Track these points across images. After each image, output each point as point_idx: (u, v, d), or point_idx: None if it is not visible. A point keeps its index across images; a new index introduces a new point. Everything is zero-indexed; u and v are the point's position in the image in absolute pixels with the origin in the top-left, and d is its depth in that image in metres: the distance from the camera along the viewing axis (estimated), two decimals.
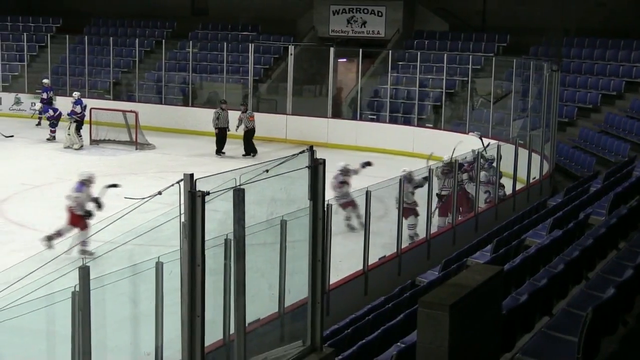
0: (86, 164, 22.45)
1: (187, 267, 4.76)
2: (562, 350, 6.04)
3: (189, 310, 4.79)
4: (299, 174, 5.70)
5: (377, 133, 26.19)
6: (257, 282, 6.33)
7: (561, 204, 14.26)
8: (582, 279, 8.64)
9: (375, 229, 12.11)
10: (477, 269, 6.77)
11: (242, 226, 5.41)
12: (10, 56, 33.50)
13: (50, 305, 6.45)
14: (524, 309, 6.89)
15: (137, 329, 8.39)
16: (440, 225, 14.75)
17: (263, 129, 27.47)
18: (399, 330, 8.14)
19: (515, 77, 24.16)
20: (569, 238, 10.32)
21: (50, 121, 26.08)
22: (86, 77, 31.51)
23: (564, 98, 24.23)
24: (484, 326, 6.03)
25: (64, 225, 13.87)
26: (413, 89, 27.08)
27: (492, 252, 11.46)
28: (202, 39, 32.96)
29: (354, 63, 28.75)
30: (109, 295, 7.25)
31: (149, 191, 5.62)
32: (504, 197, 16.41)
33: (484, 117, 25.07)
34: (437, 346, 5.43)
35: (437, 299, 5.58)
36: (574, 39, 26.73)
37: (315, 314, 5.92)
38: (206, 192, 4.73)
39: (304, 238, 5.89)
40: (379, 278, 11.89)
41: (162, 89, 30.48)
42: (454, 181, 14.70)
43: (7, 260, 12.70)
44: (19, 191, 18.68)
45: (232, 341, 5.73)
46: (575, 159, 21.29)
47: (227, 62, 29.88)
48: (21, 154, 23.91)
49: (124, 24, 35.03)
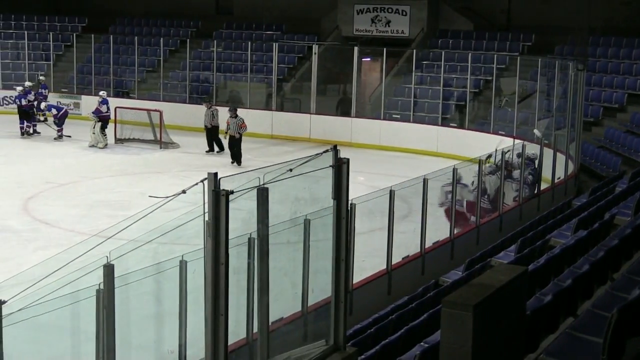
0: (111, 162, 22.63)
1: (211, 265, 4.77)
2: (587, 351, 6.00)
3: (212, 308, 4.80)
4: (323, 173, 5.69)
5: (401, 132, 26.14)
6: (280, 281, 6.34)
7: (586, 204, 14.17)
8: (607, 280, 8.57)
9: (398, 229, 12.09)
10: (501, 269, 6.74)
11: (265, 225, 5.42)
12: (37, 55, 33.76)
13: (75, 303, 6.49)
14: (549, 309, 6.85)
15: (161, 327, 8.42)
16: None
17: (287, 129, 27.55)
18: (422, 330, 8.12)
19: (540, 77, 24.02)
20: (594, 238, 10.25)
21: (55, 120, 26.22)
22: (111, 76, 31.70)
23: (590, 97, 24.05)
24: (508, 327, 6.00)
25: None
26: (437, 89, 27.01)
27: (516, 252, 11.40)
28: (226, 38, 33.05)
29: (378, 62, 28.72)
30: (133, 293, 7.28)
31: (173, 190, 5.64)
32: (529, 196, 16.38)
33: (508, 117, 24.95)
34: (460, 346, 5.41)
35: (460, 299, 5.56)
36: (600, 38, 26.53)
37: (339, 313, 5.91)
38: (230, 191, 4.74)
39: (327, 237, 5.89)
40: (402, 277, 11.87)
41: (186, 88, 30.60)
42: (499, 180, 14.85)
43: (33, 257, 12.84)
44: (44, 189, 18.83)
45: (255, 340, 5.74)
46: (600, 159, 21.14)
47: (251, 62, 29.94)
48: (46, 152, 24.09)
49: (149, 23, 35.21)
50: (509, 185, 15.70)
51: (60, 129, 26.04)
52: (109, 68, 31.92)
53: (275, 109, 28.73)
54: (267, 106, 29.18)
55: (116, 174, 21.05)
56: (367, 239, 12.62)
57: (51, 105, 26.53)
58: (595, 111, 24.04)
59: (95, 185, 19.67)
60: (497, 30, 29.73)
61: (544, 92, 23.92)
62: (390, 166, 22.81)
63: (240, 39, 32.65)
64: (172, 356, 7.72)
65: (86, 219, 16.26)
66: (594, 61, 25.76)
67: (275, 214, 5.58)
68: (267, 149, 25.47)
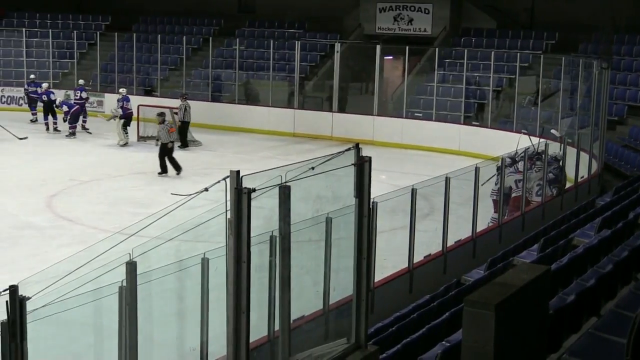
0: (133, 160, 22.74)
1: (233, 263, 4.78)
2: (610, 352, 5.97)
3: (234, 306, 4.81)
4: (345, 171, 5.69)
5: (423, 131, 26.09)
6: (302, 279, 6.34)
7: (610, 203, 14.07)
8: (631, 280, 8.52)
9: (420, 227, 12.07)
10: (523, 268, 6.71)
11: (287, 223, 5.43)
12: (61, 54, 33.99)
13: (98, 300, 6.53)
14: (571, 309, 6.81)
15: (183, 324, 8.45)
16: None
17: (309, 127, 27.56)
18: (444, 329, 8.10)
19: (563, 75, 23.88)
20: (618, 238, 10.18)
21: (65, 117, 26.33)
22: (134, 74, 31.84)
23: (614, 96, 23.89)
24: (530, 326, 5.97)
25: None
26: (459, 87, 26.91)
27: (539, 251, 11.34)
28: (248, 36, 33.10)
29: (400, 61, 28.68)
30: (155, 290, 7.31)
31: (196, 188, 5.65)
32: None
33: (531, 116, 24.83)
34: (482, 346, 5.39)
35: (482, 298, 5.54)
36: (625, 36, 26.34)
37: (360, 311, 5.91)
38: (252, 189, 4.75)
39: (349, 235, 5.89)
40: (424, 276, 11.84)
41: (209, 86, 30.69)
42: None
43: (56, 254, 12.92)
44: (67, 187, 18.96)
45: (277, 338, 5.75)
46: (625, 158, 20.99)
47: (274, 60, 29.98)
48: (70, 150, 24.25)
49: (172, 21, 35.33)
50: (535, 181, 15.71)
51: (74, 126, 26.17)
52: (132, 66, 32.07)
53: (297, 107, 28.75)
54: (289, 104, 29.22)
55: (138, 172, 21.16)
56: (388, 237, 12.61)
57: (63, 102, 26.64)
58: (619, 110, 23.87)
59: (117, 183, 19.78)
60: (521, 28, 29.59)
61: (568, 91, 23.79)
62: (412, 165, 22.78)
63: (262, 37, 32.70)
64: (194, 353, 7.74)
65: (109, 216, 16.35)
66: (619, 59, 25.59)
67: (297, 212, 5.58)
68: (289, 147, 25.50)
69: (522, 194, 14.77)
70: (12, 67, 33.13)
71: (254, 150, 24.80)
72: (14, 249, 14.26)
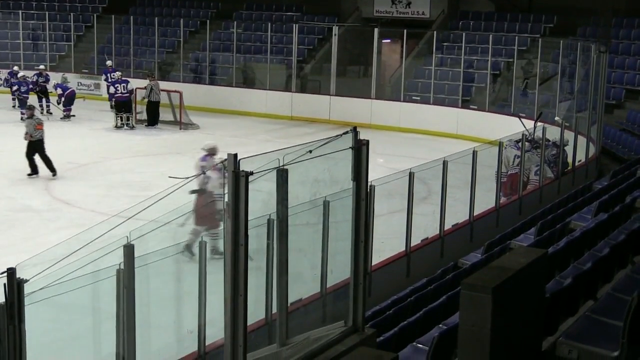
0: (131, 143, 22.72)
1: (231, 246, 4.78)
2: (607, 335, 5.98)
3: (231, 289, 4.82)
4: (343, 154, 5.69)
5: (421, 114, 26.07)
6: (299, 262, 6.35)
7: (607, 187, 14.08)
8: (627, 263, 8.53)
9: (418, 211, 12.08)
10: (520, 252, 6.73)
11: (285, 206, 5.43)
12: (58, 36, 33.88)
13: (95, 283, 6.53)
14: (568, 292, 6.83)
15: (181, 307, 8.47)
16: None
17: (306, 110, 27.52)
18: (441, 312, 8.12)
19: (562, 59, 23.84)
20: (615, 221, 10.19)
21: (58, 100, 26.23)
22: (131, 57, 31.76)
23: (612, 80, 23.87)
24: (527, 309, 5.99)
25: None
26: (458, 71, 26.86)
27: (536, 235, 11.36)
28: (246, 19, 33.00)
29: (398, 44, 28.61)
30: (153, 273, 7.32)
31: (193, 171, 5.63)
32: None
33: (529, 99, 24.80)
34: (479, 329, 5.41)
35: (479, 282, 5.55)
36: (623, 20, 26.28)
37: (358, 294, 5.92)
38: (250, 172, 4.74)
39: (346, 219, 5.89)
40: (421, 260, 11.86)
41: (206, 69, 30.61)
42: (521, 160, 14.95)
43: (54, 237, 12.93)
44: (65, 170, 18.92)
45: (274, 321, 5.76)
46: (622, 142, 20.99)
47: (271, 43, 29.91)
48: (66, 133, 24.20)
49: (169, 4, 35.21)
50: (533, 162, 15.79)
51: (69, 108, 26.10)
52: (129, 49, 31.97)
53: (295, 90, 28.71)
54: (286, 87, 29.17)
55: (136, 155, 21.14)
56: (386, 220, 12.62)
57: (58, 85, 26.56)
58: (617, 93, 23.85)
59: (115, 166, 19.76)
60: (519, 11, 29.50)
61: (566, 75, 23.75)
62: (409, 148, 22.77)
63: (260, 20, 32.59)
64: (191, 336, 7.76)
65: (106, 199, 16.35)
66: (617, 43, 25.54)
67: (295, 196, 5.58)
68: (286, 130, 25.48)
69: (521, 174, 14.86)
70: (9, 50, 33.02)
71: (252, 133, 24.77)
72: (12, 232, 14.26)
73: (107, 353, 7.02)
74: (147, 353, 7.33)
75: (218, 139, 23.56)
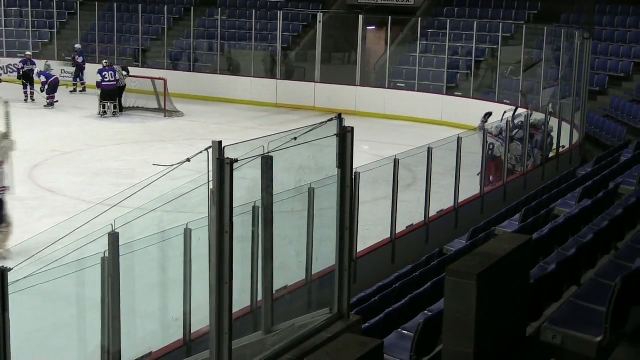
0: (115, 131, 22.62)
1: (216, 234, 4.78)
2: (590, 320, 6.02)
3: (217, 277, 4.82)
4: (327, 141, 5.69)
5: (406, 101, 26.07)
6: (284, 249, 6.35)
7: (591, 173, 14.15)
8: (611, 249, 8.58)
9: (403, 197, 12.10)
10: (505, 238, 6.76)
11: (270, 194, 5.43)
12: (40, 23, 33.64)
13: (80, 271, 6.52)
14: (552, 278, 6.86)
15: (166, 295, 8.46)
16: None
17: (291, 97, 27.48)
18: (426, 299, 8.15)
19: (546, 45, 23.88)
20: (599, 208, 10.24)
21: (42, 87, 26.07)
22: (115, 44, 31.58)
23: (596, 66, 23.93)
24: (512, 295, 6.02)
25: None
26: (442, 57, 26.87)
27: (520, 221, 11.41)
28: (230, 6, 32.87)
29: (383, 31, 28.57)
30: (138, 261, 7.31)
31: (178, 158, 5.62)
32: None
33: (513, 86, 24.85)
34: (464, 315, 5.43)
35: (464, 268, 5.58)
36: (607, 6, 26.33)
37: (343, 281, 5.94)
38: (235, 160, 4.74)
39: (331, 206, 5.89)
40: (406, 246, 11.89)
41: (190, 56, 30.49)
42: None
43: (38, 225, 12.88)
44: (49, 157, 18.85)
45: (260, 308, 5.77)
46: (606, 128, 21.07)
47: (256, 30, 29.82)
48: (52, 120, 24.06)
49: None
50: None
51: (52, 96, 25.96)
52: (113, 36, 31.80)
53: (280, 77, 28.65)
54: (271, 75, 29.11)
55: (120, 143, 21.06)
56: (371, 207, 12.64)
57: (41, 72, 26.38)
58: (601, 80, 23.93)
59: (99, 154, 19.69)
60: None
61: (550, 61, 23.80)
62: (394, 135, 22.79)
63: (244, 7, 32.48)
64: (177, 324, 7.76)
65: (91, 187, 16.30)
66: (600, 30, 25.59)
67: (280, 183, 5.58)
68: (271, 117, 25.45)
69: (505, 160, 14.93)
70: None
71: (237, 120, 24.73)
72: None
73: (92, 341, 7.01)
74: (133, 340, 7.33)
75: (203, 126, 23.59)
